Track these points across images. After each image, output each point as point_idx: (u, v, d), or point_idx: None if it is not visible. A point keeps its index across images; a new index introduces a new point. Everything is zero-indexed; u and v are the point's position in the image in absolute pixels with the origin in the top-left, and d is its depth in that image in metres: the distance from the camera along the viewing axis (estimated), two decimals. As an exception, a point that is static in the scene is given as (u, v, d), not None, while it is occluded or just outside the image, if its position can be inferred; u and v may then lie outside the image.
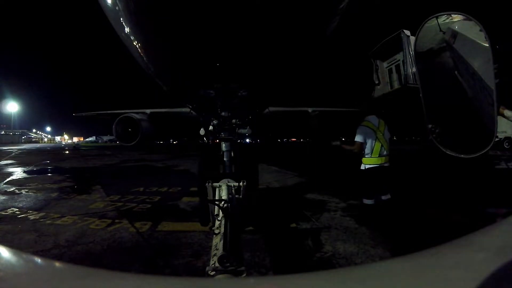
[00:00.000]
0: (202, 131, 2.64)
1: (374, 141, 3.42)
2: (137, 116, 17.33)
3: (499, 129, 2.61)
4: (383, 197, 3.51)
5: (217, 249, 1.16)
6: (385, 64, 3.90)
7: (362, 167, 3.54)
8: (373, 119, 3.55)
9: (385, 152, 3.44)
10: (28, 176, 7.92)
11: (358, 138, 3.45)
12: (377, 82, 3.96)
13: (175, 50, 1.07)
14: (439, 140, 2.79)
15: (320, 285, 0.36)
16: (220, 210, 1.39)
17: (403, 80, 3.39)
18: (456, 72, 2.64)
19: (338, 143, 3.76)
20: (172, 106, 17.63)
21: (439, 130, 2.83)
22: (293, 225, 3.42)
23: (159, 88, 1.86)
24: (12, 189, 5.73)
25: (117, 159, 14.88)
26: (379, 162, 3.41)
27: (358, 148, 3.46)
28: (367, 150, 3.44)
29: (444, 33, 2.62)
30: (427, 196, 4.88)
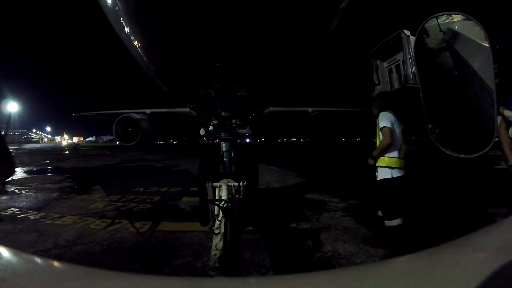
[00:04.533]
0: (202, 131, 2.64)
1: (401, 137, 2.59)
2: (137, 116, 17.36)
3: (499, 129, 2.60)
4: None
5: (217, 249, 1.16)
6: (385, 64, 3.91)
7: (386, 174, 2.57)
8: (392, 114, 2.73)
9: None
10: (28, 176, 7.92)
11: (385, 123, 2.55)
12: (377, 82, 3.95)
13: (175, 50, 1.07)
14: (439, 140, 2.79)
15: (320, 285, 0.36)
16: (220, 210, 1.39)
17: (403, 80, 3.38)
18: (456, 72, 2.63)
19: (371, 161, 2.71)
20: (172, 106, 17.67)
21: (439, 130, 2.83)
22: (293, 225, 3.42)
23: (159, 88, 1.86)
24: (12, 189, 5.73)
25: (117, 159, 14.87)
26: (403, 167, 2.60)
27: (389, 137, 2.49)
28: (394, 147, 2.55)
29: (444, 33, 2.62)
30: (427, 196, 4.88)
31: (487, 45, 2.22)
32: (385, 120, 2.59)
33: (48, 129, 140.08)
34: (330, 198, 4.77)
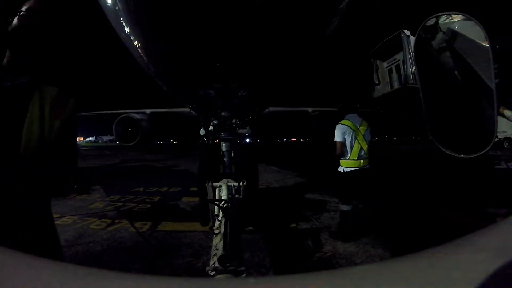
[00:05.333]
0: (202, 131, 2.64)
1: (353, 142, 3.11)
2: (137, 116, 17.34)
3: (499, 129, 2.60)
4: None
5: (217, 249, 1.16)
6: (385, 64, 3.89)
7: (340, 169, 3.20)
8: (353, 118, 3.23)
9: (364, 155, 3.13)
10: (28, 176, 7.92)
11: (337, 138, 3.13)
12: (377, 82, 3.94)
13: (175, 50, 1.07)
14: (439, 140, 2.79)
15: (320, 285, 0.36)
16: (220, 210, 1.39)
17: (403, 80, 3.37)
18: (456, 72, 2.64)
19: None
20: (172, 106, 17.64)
21: (439, 130, 2.83)
22: (293, 225, 3.42)
23: (159, 88, 1.86)
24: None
25: (117, 159, 14.89)
26: (358, 166, 3.10)
27: (339, 149, 3.12)
28: (345, 151, 3.15)
29: (444, 33, 2.62)
30: (428, 196, 4.88)
31: (487, 45, 2.21)
32: (336, 133, 3.13)
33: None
34: (330, 198, 4.77)
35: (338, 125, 3.19)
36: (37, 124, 1.03)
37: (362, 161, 3.11)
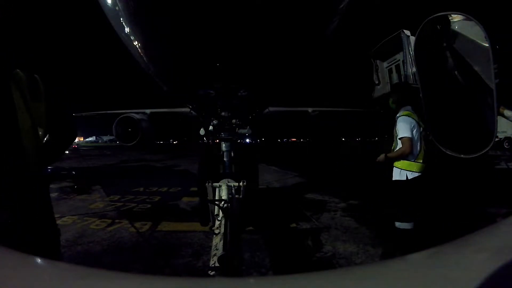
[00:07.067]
0: (202, 131, 2.64)
1: (420, 140, 2.48)
2: (137, 116, 17.32)
3: (499, 129, 2.60)
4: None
5: (217, 249, 1.16)
6: (385, 64, 3.89)
7: (402, 176, 2.48)
8: (412, 110, 2.59)
9: (426, 157, 2.55)
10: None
11: (405, 133, 2.42)
12: (377, 82, 3.94)
13: (175, 50, 1.07)
14: (439, 140, 2.79)
15: (320, 285, 0.36)
16: (220, 210, 1.39)
17: (403, 80, 3.37)
18: (456, 72, 2.63)
19: (383, 157, 2.55)
20: (172, 106, 17.62)
21: (439, 130, 2.83)
22: (293, 225, 3.42)
23: (159, 88, 1.86)
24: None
25: (117, 159, 14.90)
26: (423, 170, 2.50)
27: (408, 147, 2.40)
28: (411, 154, 2.48)
29: (444, 33, 2.62)
30: (427, 196, 4.88)
31: (487, 45, 2.21)
32: (404, 128, 2.45)
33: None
34: (330, 198, 4.77)
35: (403, 117, 2.50)
36: (26, 114, 0.99)
37: (425, 165, 2.53)
